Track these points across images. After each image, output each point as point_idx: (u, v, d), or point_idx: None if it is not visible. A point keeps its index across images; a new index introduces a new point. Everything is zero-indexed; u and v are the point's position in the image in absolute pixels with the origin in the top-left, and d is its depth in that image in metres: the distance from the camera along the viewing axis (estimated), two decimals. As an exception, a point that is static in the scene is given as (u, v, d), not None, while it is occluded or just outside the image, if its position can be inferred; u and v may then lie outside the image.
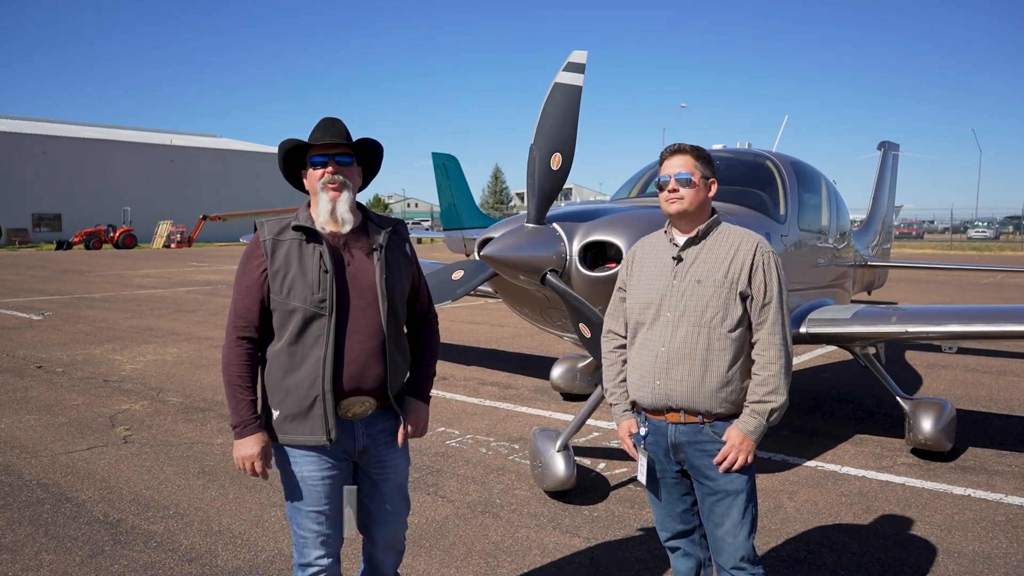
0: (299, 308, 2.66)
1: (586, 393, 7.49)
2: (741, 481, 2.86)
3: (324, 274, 2.66)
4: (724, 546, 2.91)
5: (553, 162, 4.20)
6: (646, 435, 2.98)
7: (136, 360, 10.00)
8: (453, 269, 4.79)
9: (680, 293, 2.86)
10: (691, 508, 3.05)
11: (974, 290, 20.07)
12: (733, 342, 2.83)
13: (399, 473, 2.95)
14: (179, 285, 21.42)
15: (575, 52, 4.22)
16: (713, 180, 2.96)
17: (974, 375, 9.09)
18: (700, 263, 2.88)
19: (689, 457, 2.90)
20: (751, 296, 2.83)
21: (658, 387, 2.87)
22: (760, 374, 2.81)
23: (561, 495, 5.07)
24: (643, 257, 3.05)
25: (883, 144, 12.67)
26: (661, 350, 2.87)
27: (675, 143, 3.00)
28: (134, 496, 5.07)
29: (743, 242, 2.89)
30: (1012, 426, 6.89)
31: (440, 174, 21.55)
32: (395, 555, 3.08)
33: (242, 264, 2.76)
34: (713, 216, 2.98)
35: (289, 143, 2.74)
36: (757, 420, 2.80)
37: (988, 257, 37.53)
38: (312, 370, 2.66)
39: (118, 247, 47.07)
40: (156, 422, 6.93)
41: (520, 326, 12.78)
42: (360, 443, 2.80)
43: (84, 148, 61.35)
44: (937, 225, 71.63)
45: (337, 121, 2.76)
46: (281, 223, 2.76)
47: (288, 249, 2.70)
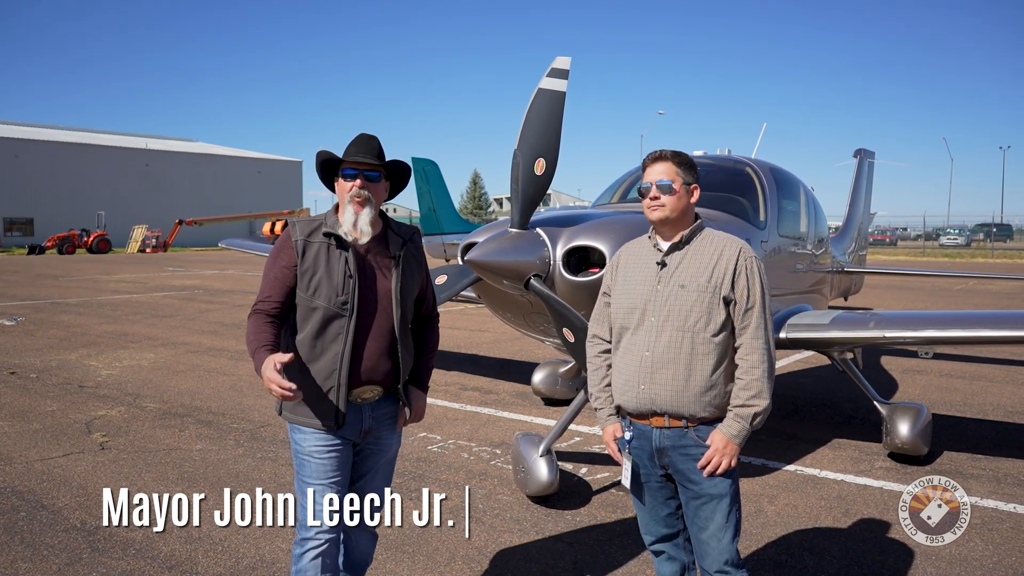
0: (321, 307, 2.94)
1: (568, 398, 7.50)
2: (725, 485, 2.88)
3: (348, 279, 2.95)
4: (708, 550, 2.93)
5: (537, 167, 4.22)
6: (631, 439, 3.00)
7: (112, 366, 9.88)
8: (436, 274, 4.79)
9: (664, 298, 2.89)
10: (675, 512, 3.07)
11: (947, 296, 20.38)
12: (717, 346, 2.85)
13: (390, 449, 3.26)
14: (155, 290, 21.20)
15: (559, 58, 4.24)
16: (695, 186, 2.99)
17: (949, 380, 9.22)
18: (684, 268, 2.91)
19: (673, 461, 2.92)
20: (734, 300, 2.86)
21: (642, 391, 2.89)
22: (743, 378, 2.84)
23: (544, 500, 5.08)
24: (627, 262, 3.07)
25: (859, 152, 12.83)
26: (645, 355, 2.89)
27: (657, 150, 3.03)
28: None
29: (726, 247, 2.91)
30: (986, 430, 7.00)
31: (420, 179, 21.52)
32: (369, 538, 3.34)
33: (273, 256, 3.04)
34: (697, 221, 3.01)
35: (325, 154, 3.05)
36: (740, 424, 2.83)
37: (960, 264, 38.04)
38: (330, 363, 2.95)
39: (92, 252, 46.42)
40: (133, 428, 6.85)
41: (501, 331, 12.78)
42: (366, 424, 3.09)
43: (58, 152, 60.49)
44: (910, 232, 72.60)
45: (373, 139, 3.06)
46: (311, 225, 3.05)
47: (317, 251, 2.98)
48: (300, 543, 3.03)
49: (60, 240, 46.57)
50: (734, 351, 2.89)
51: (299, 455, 3.06)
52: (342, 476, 3.07)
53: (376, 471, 3.23)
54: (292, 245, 2.99)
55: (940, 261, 40.16)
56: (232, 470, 5.68)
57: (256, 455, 6.06)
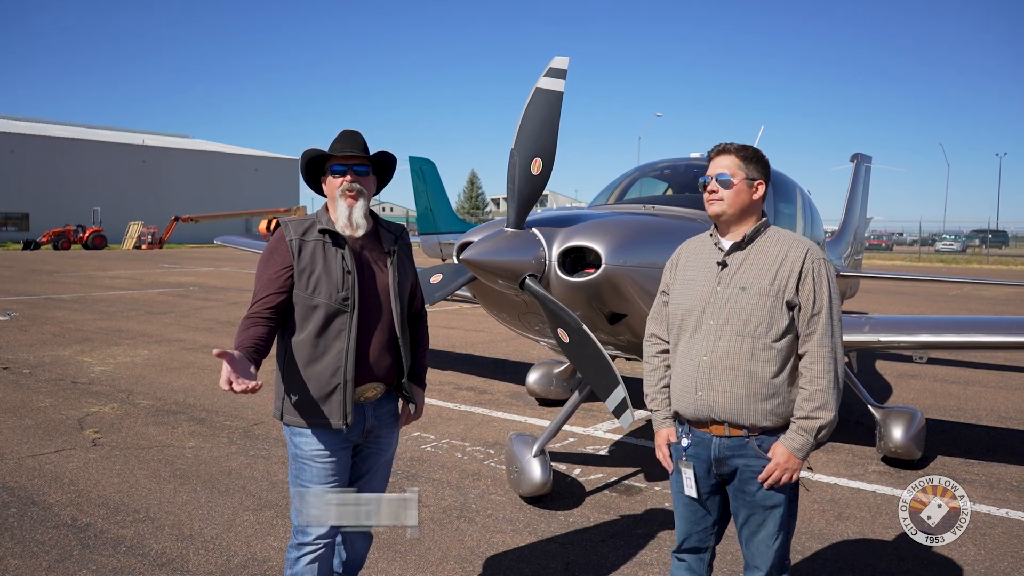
0: (323, 304, 2.92)
1: (562, 399, 7.49)
2: (780, 497, 2.79)
3: (347, 275, 2.94)
4: (756, 554, 2.86)
5: (533, 167, 4.21)
6: (687, 447, 2.87)
7: (106, 362, 9.85)
8: (432, 273, 4.78)
9: (724, 300, 2.76)
10: (712, 527, 2.96)
11: (941, 301, 20.42)
12: (778, 353, 2.71)
13: (388, 450, 3.26)
14: (150, 287, 21.15)
15: (556, 58, 4.23)
16: (761, 182, 2.84)
17: (943, 385, 9.23)
18: (745, 270, 2.77)
19: (732, 470, 2.81)
20: (799, 305, 2.71)
21: (700, 398, 2.77)
22: (807, 388, 2.69)
23: (537, 500, 5.07)
24: (687, 260, 2.95)
25: (856, 156, 12.87)
26: (703, 359, 2.77)
27: (722, 143, 2.90)
28: (103, 500, 4.98)
29: (792, 248, 2.76)
30: (979, 435, 7.01)
31: (416, 178, 21.47)
32: (364, 539, 3.35)
33: (265, 258, 2.99)
34: (762, 220, 2.86)
35: (312, 152, 3.02)
36: (804, 438, 2.69)
37: (955, 269, 38.18)
38: (335, 360, 2.93)
39: (87, 248, 46.28)
40: (126, 425, 6.82)
41: (496, 331, 12.78)
42: (368, 423, 3.08)
43: (54, 147, 60.39)
44: (906, 237, 72.86)
45: (357, 134, 3.06)
46: (304, 224, 3.02)
47: (313, 249, 2.96)
48: (297, 547, 3.00)
49: (55, 236, 46.40)
50: (798, 357, 2.75)
51: (299, 459, 3.01)
52: (341, 480, 3.04)
53: (375, 471, 3.22)
54: (287, 245, 2.95)
55: (936, 266, 40.26)
56: (225, 467, 5.66)
57: (249, 453, 6.04)
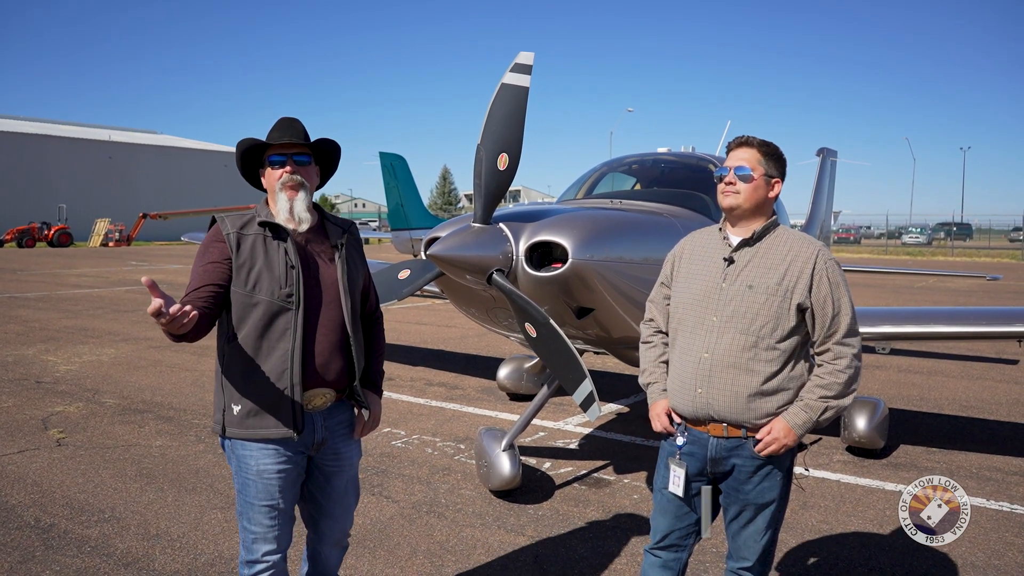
0: (264, 302, 2.68)
1: (532, 393, 7.52)
2: (775, 495, 2.76)
3: (291, 269, 2.71)
4: (742, 546, 2.85)
5: (500, 162, 4.22)
6: (682, 445, 2.82)
7: (71, 361, 9.70)
8: (399, 269, 4.78)
9: (728, 297, 2.71)
10: (694, 525, 2.91)
11: (907, 293, 20.76)
12: (782, 353, 2.67)
13: (352, 466, 3.01)
14: (117, 284, 20.84)
15: (522, 53, 4.23)
16: (778, 180, 2.79)
17: (906, 375, 9.41)
18: (753, 267, 2.72)
19: (728, 470, 2.77)
20: (811, 308, 2.67)
21: (699, 395, 2.72)
22: (825, 378, 2.66)
23: (506, 494, 5.09)
24: (692, 253, 2.89)
25: (822, 150, 13.04)
26: (704, 356, 2.71)
27: (743, 135, 2.82)
28: (67, 500, 4.92)
29: (801, 249, 2.71)
30: (941, 424, 7.15)
31: (388, 174, 21.38)
32: (340, 551, 3.14)
33: (201, 253, 2.75)
34: (772, 218, 2.81)
35: (247, 142, 2.78)
36: (807, 415, 2.65)
37: (921, 262, 38.81)
38: (279, 363, 2.69)
39: (53, 245, 45.49)
40: (91, 424, 6.74)
41: (467, 327, 12.78)
42: (319, 435, 2.84)
43: (17, 143, 59.16)
44: (873, 231, 73.92)
45: (295, 121, 2.81)
46: (243, 218, 2.79)
47: (253, 243, 2.73)
48: (248, 565, 2.81)
49: (19, 233, 45.54)
50: (803, 359, 2.71)
51: (243, 474, 2.76)
52: (292, 496, 2.83)
53: (345, 491, 2.99)
54: (224, 239, 2.72)
55: (902, 259, 40.90)
56: (192, 466, 5.62)
57: (217, 451, 5.99)
